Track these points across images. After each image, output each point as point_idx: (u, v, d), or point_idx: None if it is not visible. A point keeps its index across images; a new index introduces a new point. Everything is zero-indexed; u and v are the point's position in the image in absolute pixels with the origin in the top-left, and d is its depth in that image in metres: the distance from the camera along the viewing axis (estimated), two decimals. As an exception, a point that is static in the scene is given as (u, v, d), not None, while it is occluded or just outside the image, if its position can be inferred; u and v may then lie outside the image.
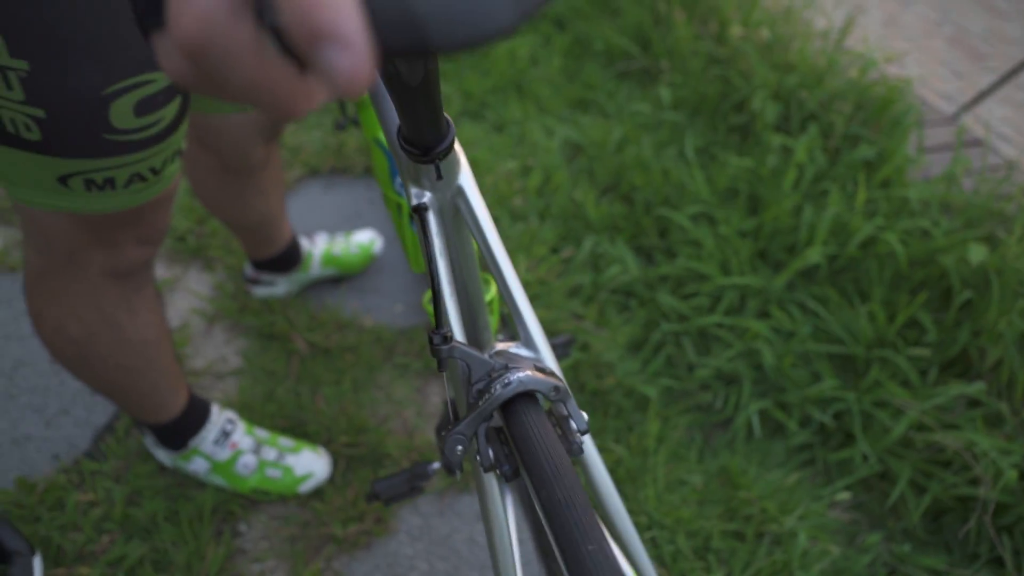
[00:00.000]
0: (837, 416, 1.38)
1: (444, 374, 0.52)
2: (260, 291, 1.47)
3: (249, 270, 1.45)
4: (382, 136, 0.82)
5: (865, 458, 1.34)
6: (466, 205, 0.51)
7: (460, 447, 0.49)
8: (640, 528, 1.19)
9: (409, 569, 1.13)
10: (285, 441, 1.20)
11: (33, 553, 0.93)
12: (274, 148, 1.16)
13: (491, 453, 0.50)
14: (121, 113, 0.64)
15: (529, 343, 0.54)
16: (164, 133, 0.69)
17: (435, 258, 0.50)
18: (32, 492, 1.08)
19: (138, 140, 0.67)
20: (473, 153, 1.89)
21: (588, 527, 0.40)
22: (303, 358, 1.38)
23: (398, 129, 0.45)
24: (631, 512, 1.20)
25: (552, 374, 0.51)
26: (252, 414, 1.25)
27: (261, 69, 0.22)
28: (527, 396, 0.49)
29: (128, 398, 1.00)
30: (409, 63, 0.36)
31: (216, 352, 1.38)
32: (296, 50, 0.21)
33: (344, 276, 1.55)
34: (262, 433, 1.20)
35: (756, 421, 1.36)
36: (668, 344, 1.48)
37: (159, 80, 0.65)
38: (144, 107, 0.65)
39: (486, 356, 0.50)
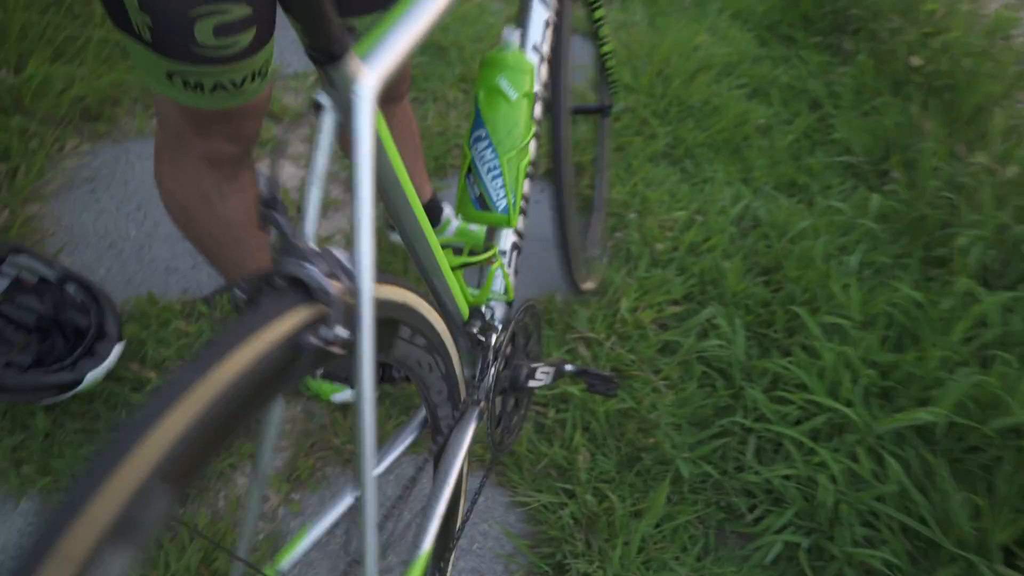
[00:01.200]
0: (879, 594, 1.19)
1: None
2: (396, 236, 1.66)
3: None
4: (481, 96, 0.93)
5: (892, 654, 1.14)
6: (350, 118, 0.57)
7: (241, 293, 0.57)
8: (591, 581, 1.15)
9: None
10: (341, 355, 1.36)
11: (119, 341, 1.19)
12: (396, 113, 1.33)
13: None
14: (203, 32, 0.81)
15: (352, 260, 0.58)
16: (240, 55, 0.86)
17: (317, 150, 0.58)
18: (154, 306, 1.37)
19: (217, 56, 0.85)
20: (648, 192, 1.90)
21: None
22: (398, 301, 1.54)
23: None
24: (589, 559, 1.17)
25: (336, 283, 0.55)
26: (331, 324, 1.44)
27: None
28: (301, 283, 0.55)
29: (219, 265, 1.22)
30: None
31: (340, 269, 1.60)
32: None
33: (471, 251, 1.68)
34: (326, 339, 1.37)
35: (777, 551, 1.22)
36: (732, 436, 1.38)
37: (234, 11, 0.81)
38: (222, 31, 0.82)
39: (297, 240, 0.56)
